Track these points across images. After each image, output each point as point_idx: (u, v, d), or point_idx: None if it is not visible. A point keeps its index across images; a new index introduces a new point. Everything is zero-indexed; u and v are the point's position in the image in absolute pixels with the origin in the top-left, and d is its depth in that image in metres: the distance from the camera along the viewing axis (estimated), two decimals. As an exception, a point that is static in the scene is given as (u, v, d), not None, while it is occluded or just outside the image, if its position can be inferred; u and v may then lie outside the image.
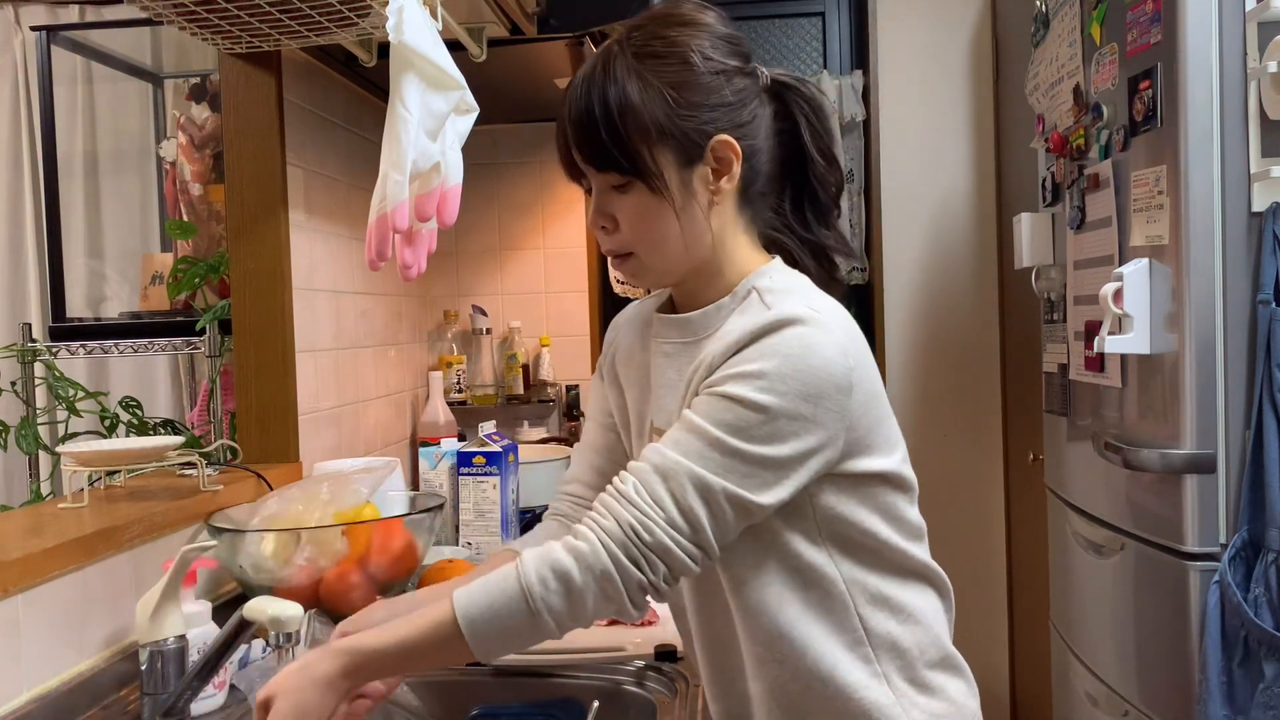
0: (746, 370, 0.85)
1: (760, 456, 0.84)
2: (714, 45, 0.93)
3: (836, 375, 0.85)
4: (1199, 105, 1.51)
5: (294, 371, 1.76)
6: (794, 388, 0.84)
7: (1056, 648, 2.10)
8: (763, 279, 0.94)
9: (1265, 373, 1.46)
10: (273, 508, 1.42)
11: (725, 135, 0.92)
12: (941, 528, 2.86)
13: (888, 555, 0.92)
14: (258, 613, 0.97)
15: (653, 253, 0.95)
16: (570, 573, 0.84)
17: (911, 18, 2.83)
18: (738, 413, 0.84)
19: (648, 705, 1.23)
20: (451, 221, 1.41)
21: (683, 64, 0.91)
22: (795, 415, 0.84)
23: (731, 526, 0.86)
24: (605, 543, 0.84)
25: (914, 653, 0.92)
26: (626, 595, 0.84)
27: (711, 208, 0.94)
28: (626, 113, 0.90)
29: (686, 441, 0.86)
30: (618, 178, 0.93)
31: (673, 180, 0.92)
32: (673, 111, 0.90)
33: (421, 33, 1.31)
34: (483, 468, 1.88)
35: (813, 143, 0.97)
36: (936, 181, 2.84)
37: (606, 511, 0.86)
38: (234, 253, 1.75)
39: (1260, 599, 1.43)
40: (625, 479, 0.87)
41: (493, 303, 2.70)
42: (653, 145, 0.91)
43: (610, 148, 0.91)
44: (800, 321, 0.85)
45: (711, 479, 0.84)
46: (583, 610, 0.85)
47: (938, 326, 2.85)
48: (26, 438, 1.86)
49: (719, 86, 0.92)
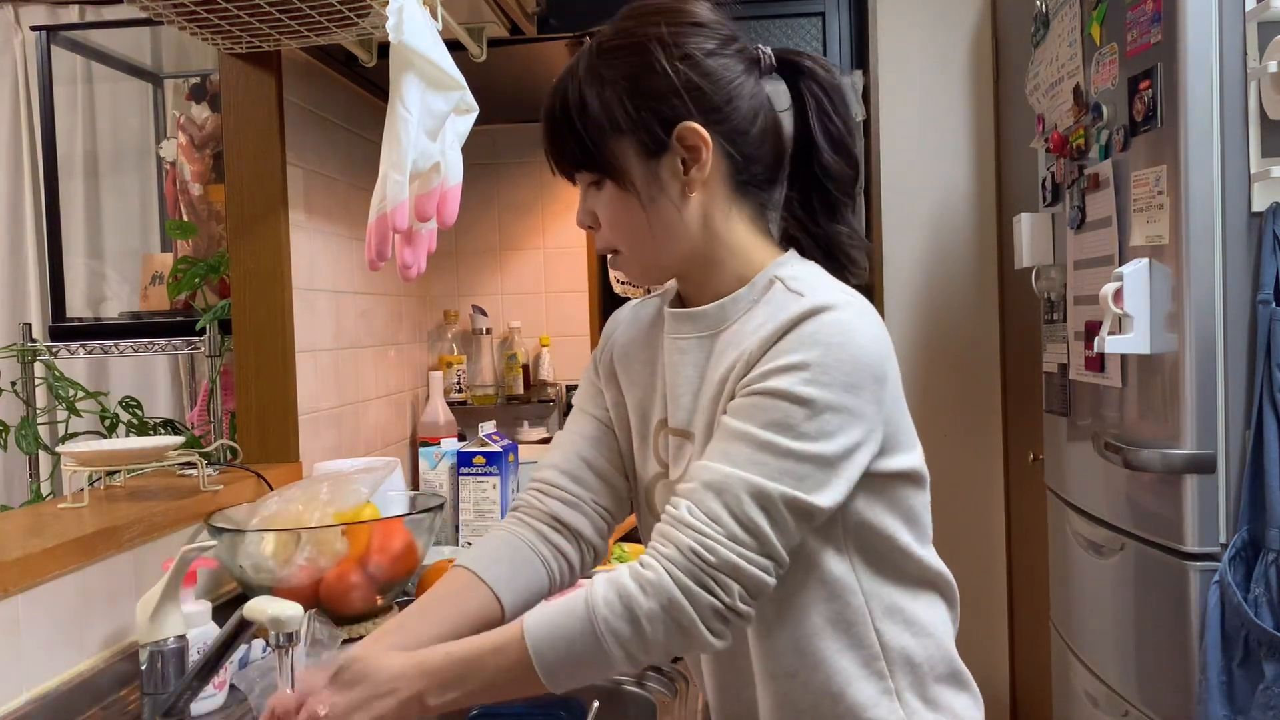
0: (788, 363, 0.81)
1: (813, 455, 0.80)
2: (681, 31, 0.89)
3: (874, 364, 0.82)
4: (1199, 105, 1.51)
5: (294, 371, 1.76)
6: (838, 378, 0.80)
7: (1056, 648, 2.10)
8: (784, 269, 0.91)
9: (1265, 373, 1.46)
10: (273, 508, 1.42)
11: (691, 123, 0.88)
12: (941, 528, 2.84)
13: (904, 564, 0.90)
14: (258, 613, 0.97)
15: (632, 248, 0.93)
16: (635, 598, 0.79)
17: (911, 18, 2.83)
18: (784, 409, 0.81)
19: (648, 705, 1.23)
20: (451, 221, 1.41)
21: (639, 54, 0.88)
22: (840, 408, 0.80)
23: (794, 533, 0.81)
24: (670, 570, 0.79)
25: (925, 667, 0.90)
26: (701, 623, 0.79)
27: (686, 197, 0.90)
28: (583, 110, 0.89)
29: (735, 450, 0.82)
30: (590, 175, 0.92)
31: (637, 173, 0.90)
32: (627, 105, 0.88)
33: (421, 33, 1.31)
34: (483, 468, 1.88)
35: (820, 128, 0.93)
36: (936, 181, 2.84)
37: (666, 540, 0.81)
38: (234, 253, 1.75)
39: (1260, 599, 1.42)
40: (678, 503, 0.82)
41: (493, 303, 2.70)
42: (610, 139, 0.89)
43: (573, 146, 0.91)
44: (836, 307, 0.82)
45: (768, 485, 0.80)
46: (652, 640, 0.80)
47: (938, 326, 2.85)
48: (26, 438, 1.86)
49: (683, 71, 0.88)
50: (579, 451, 1.04)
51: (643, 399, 1.00)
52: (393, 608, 1.53)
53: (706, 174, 0.90)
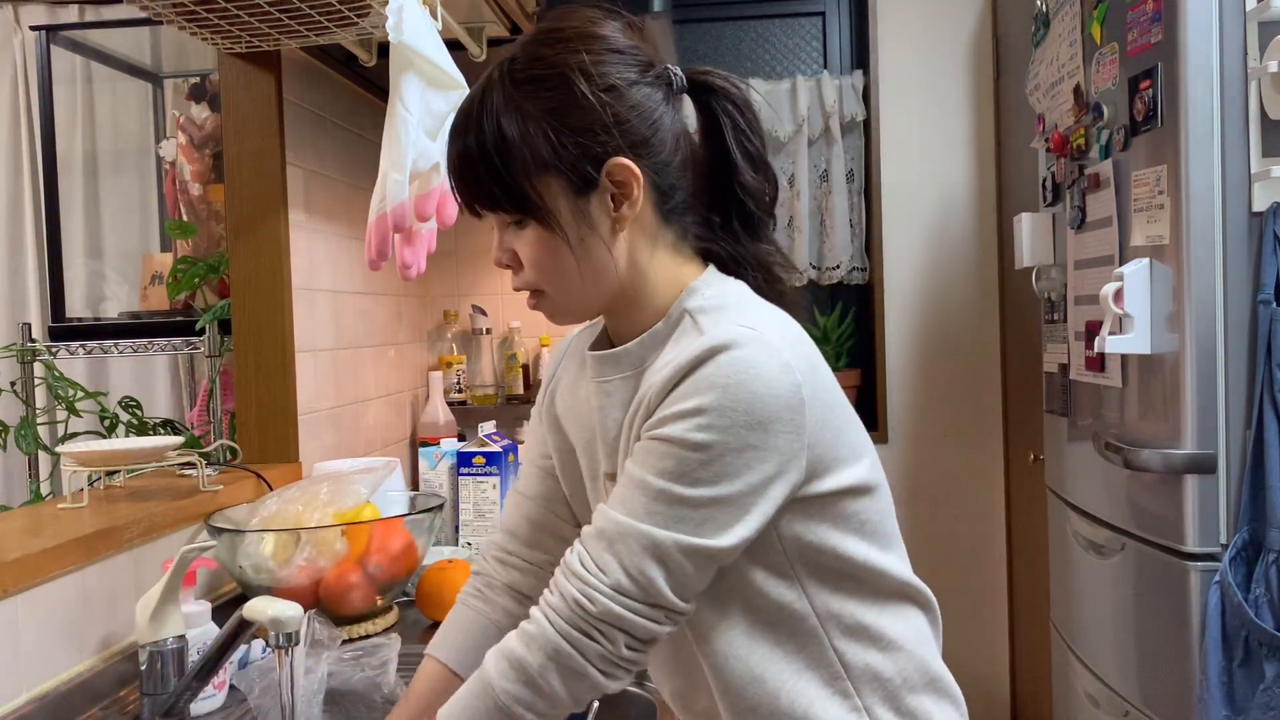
0: (682, 409, 0.78)
1: (710, 498, 0.78)
2: (602, 59, 0.84)
3: (784, 395, 0.78)
4: (1199, 105, 1.51)
5: (293, 371, 1.76)
6: (738, 420, 0.77)
7: (1056, 648, 2.10)
8: (694, 298, 0.87)
9: (1266, 373, 1.45)
10: (272, 508, 1.42)
11: (620, 159, 0.84)
12: (942, 528, 2.87)
13: (864, 578, 0.87)
14: (258, 613, 0.97)
15: (559, 289, 0.89)
16: (524, 659, 0.80)
17: (911, 18, 2.83)
18: (678, 456, 0.78)
19: (648, 705, 1.22)
20: (451, 221, 1.41)
21: (563, 86, 0.83)
22: (743, 447, 0.78)
23: (694, 577, 0.80)
24: (553, 620, 0.80)
25: (896, 681, 0.87)
26: (592, 669, 0.79)
27: (616, 235, 0.87)
28: (504, 149, 0.83)
29: (630, 498, 0.80)
30: (509, 215, 0.87)
31: (564, 212, 0.85)
32: (554, 141, 0.83)
33: (421, 33, 1.31)
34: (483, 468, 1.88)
35: (737, 147, 0.90)
36: (936, 181, 2.84)
37: (554, 588, 0.82)
38: (234, 253, 1.75)
39: (1261, 599, 1.42)
40: (572, 550, 0.82)
41: (493, 303, 2.69)
42: (535, 179, 0.84)
43: (492, 187, 0.85)
44: (734, 345, 0.78)
45: (660, 535, 0.78)
46: (552, 694, 0.80)
47: (938, 326, 2.85)
48: (26, 438, 1.86)
49: (609, 104, 0.83)
50: (528, 515, 1.04)
51: (587, 445, 0.96)
52: (392, 608, 1.53)
53: (638, 210, 0.86)
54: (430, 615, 1.52)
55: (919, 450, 2.86)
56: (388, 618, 1.50)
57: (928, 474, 2.86)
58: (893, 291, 2.86)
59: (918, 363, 2.87)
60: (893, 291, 2.86)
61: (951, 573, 2.82)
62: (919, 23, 2.82)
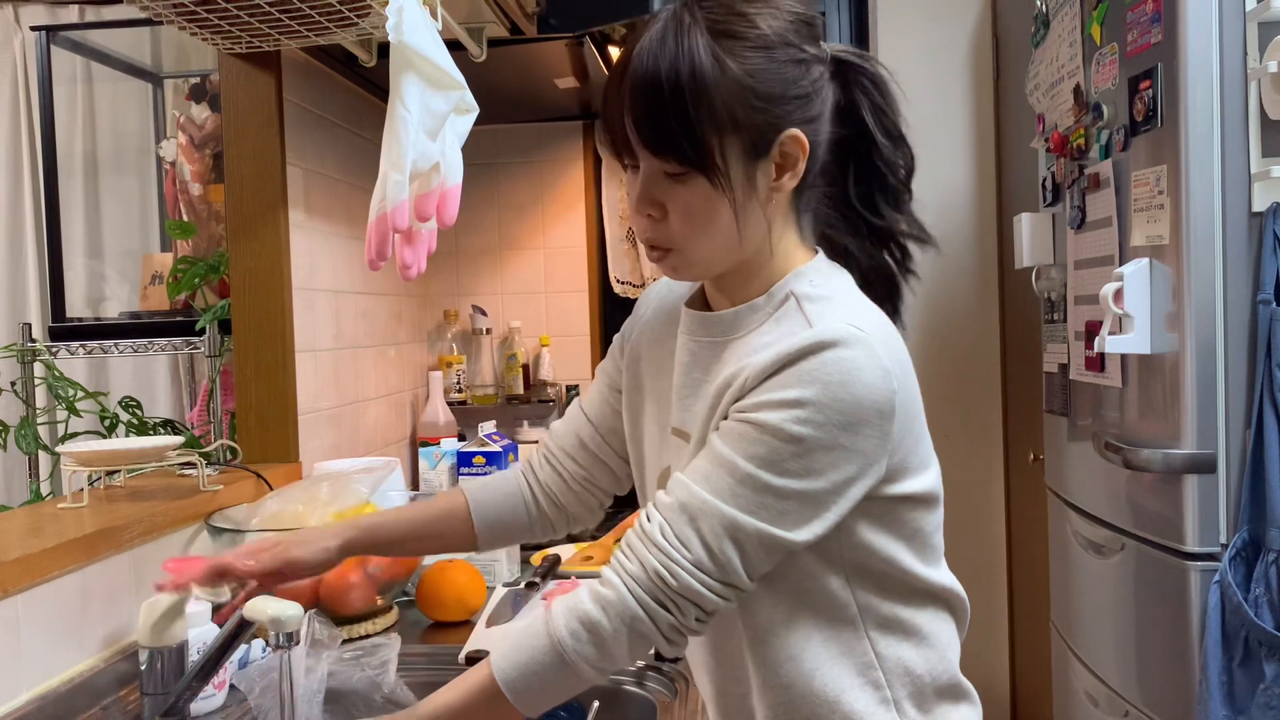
0: (783, 398, 0.79)
1: (795, 491, 0.79)
2: (793, 28, 0.85)
3: (880, 402, 0.80)
4: (1199, 105, 1.51)
5: (294, 371, 1.76)
6: (833, 418, 0.78)
7: (1056, 648, 2.10)
8: (802, 282, 0.88)
9: (1265, 372, 1.45)
10: (273, 508, 1.42)
11: (796, 130, 0.84)
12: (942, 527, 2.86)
13: (905, 581, 0.89)
14: (258, 613, 0.97)
15: (702, 248, 0.87)
16: (599, 623, 0.82)
17: (911, 17, 2.82)
18: (771, 445, 0.79)
19: (648, 705, 1.22)
20: (451, 221, 1.41)
21: (763, 49, 0.83)
22: (833, 446, 0.79)
23: (765, 563, 0.82)
24: (632, 588, 0.81)
25: (926, 678, 0.89)
26: (661, 635, 0.82)
27: (770, 203, 0.87)
28: (701, 97, 0.80)
29: (716, 477, 0.81)
30: (676, 165, 0.83)
31: (737, 175, 0.83)
32: (749, 102, 0.82)
33: (421, 33, 1.31)
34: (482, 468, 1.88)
35: (876, 123, 0.91)
36: (936, 181, 2.83)
37: (632, 554, 0.83)
38: (234, 253, 1.75)
39: (1261, 599, 1.42)
40: (652, 517, 0.83)
41: (493, 303, 2.69)
42: (724, 136, 0.82)
43: (677, 132, 0.81)
44: (843, 344, 0.79)
45: (743, 519, 0.80)
46: (619, 655, 0.83)
47: (938, 326, 2.85)
48: (26, 438, 1.86)
49: (797, 77, 0.84)
50: (579, 432, 1.09)
51: (661, 396, 0.97)
52: (392, 608, 1.53)
53: (798, 182, 0.87)
54: (430, 615, 1.52)
55: (919, 450, 2.86)
56: (388, 618, 1.50)
57: (928, 474, 2.85)
58: (893, 291, 2.86)
59: (917, 362, 2.84)
60: (893, 291, 2.86)
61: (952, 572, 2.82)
62: (919, 23, 2.82)
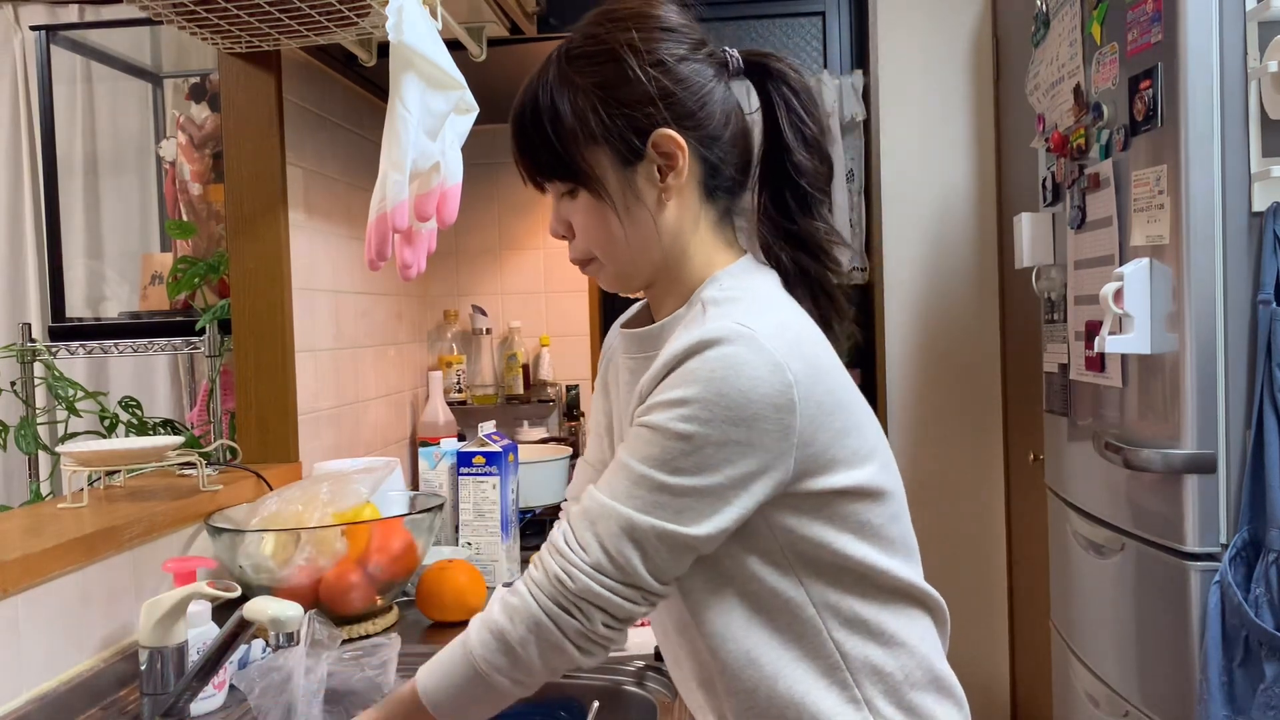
0: (668, 398, 0.82)
1: (689, 488, 0.81)
2: (651, 36, 0.89)
3: (771, 394, 0.80)
4: (1199, 105, 1.51)
5: (293, 371, 1.76)
6: (719, 414, 0.79)
7: (1056, 648, 2.10)
8: (713, 287, 0.90)
9: (1266, 372, 1.45)
10: (272, 508, 1.42)
11: (667, 130, 0.88)
12: (942, 528, 2.87)
13: (867, 576, 0.87)
14: (258, 613, 0.97)
15: (607, 256, 0.94)
16: (506, 630, 0.84)
17: (911, 18, 2.82)
18: (662, 445, 0.81)
19: (648, 705, 1.22)
20: (451, 221, 1.41)
21: (611, 60, 0.88)
22: (725, 441, 0.80)
23: (670, 562, 0.83)
24: (534, 593, 0.84)
25: (898, 676, 0.88)
26: (570, 642, 0.83)
27: (662, 206, 0.91)
28: (555, 119, 0.89)
29: (615, 481, 0.84)
30: (563, 184, 0.92)
31: (612, 182, 0.90)
32: (603, 113, 0.88)
33: (421, 32, 1.31)
34: (483, 468, 1.88)
35: (790, 128, 0.92)
36: (936, 181, 2.84)
37: (538, 564, 0.86)
38: (234, 252, 1.75)
39: (1261, 599, 1.42)
40: (559, 527, 0.87)
41: (493, 303, 2.69)
42: (590, 147, 0.89)
43: (544, 155, 0.91)
44: (724, 341, 0.81)
45: (639, 519, 0.81)
46: (533, 666, 0.84)
47: (938, 326, 2.85)
48: (26, 438, 1.86)
49: (656, 78, 0.88)
50: (590, 481, 1.07)
51: (619, 419, 1.01)
52: (392, 608, 1.53)
53: (683, 181, 0.90)
54: (430, 615, 1.52)
55: (919, 450, 2.86)
56: (388, 618, 1.50)
57: (927, 474, 2.86)
58: (893, 291, 2.86)
59: (918, 362, 2.87)
60: (893, 291, 2.86)
61: (951, 573, 2.82)
62: (919, 23, 2.82)
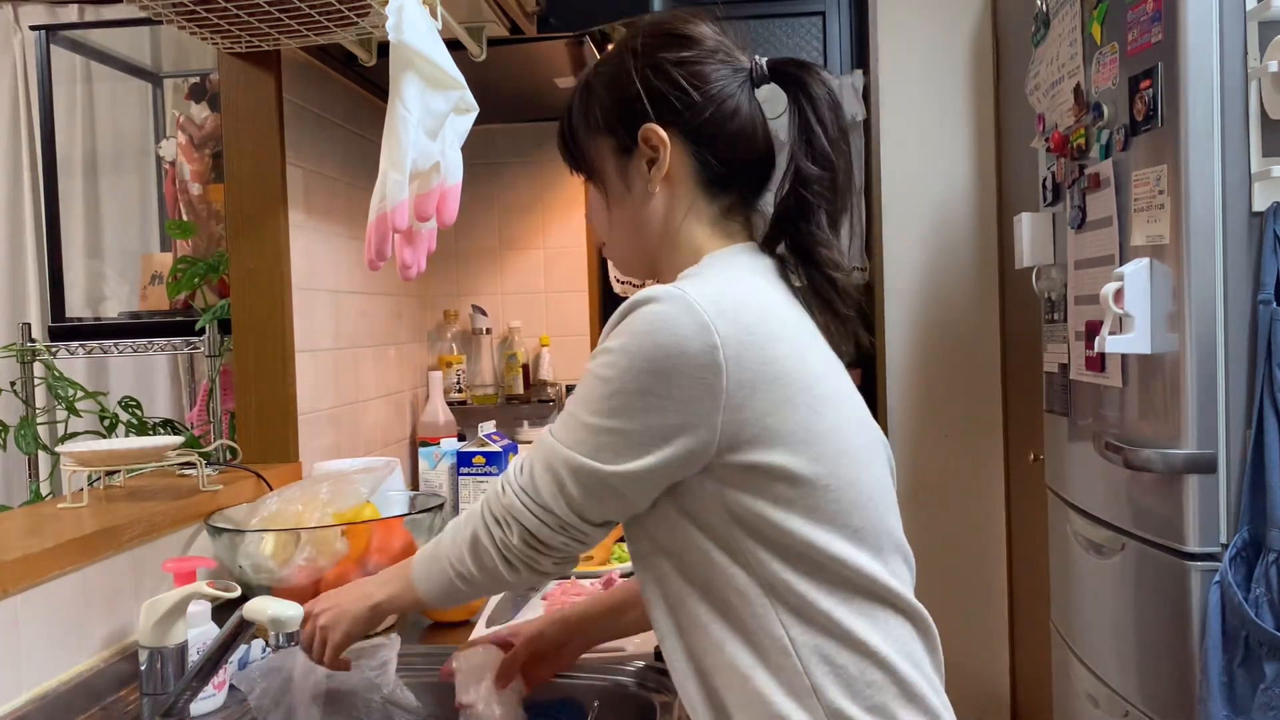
0: (601, 348, 0.89)
1: (606, 428, 0.86)
2: (655, 43, 0.96)
3: (691, 351, 0.83)
4: (1200, 105, 1.51)
5: (293, 371, 1.76)
6: (637, 363, 0.84)
7: (1056, 648, 2.10)
8: (693, 268, 0.94)
9: (1266, 372, 1.45)
10: (272, 508, 1.42)
11: (653, 125, 0.95)
12: (942, 527, 2.87)
13: (824, 564, 0.86)
14: (258, 613, 0.97)
15: (612, 240, 1.03)
16: (460, 521, 0.97)
17: (911, 18, 2.82)
18: (588, 387, 0.88)
19: (648, 705, 1.22)
20: (451, 221, 1.41)
21: (617, 62, 0.98)
22: (643, 390, 0.84)
23: (583, 497, 0.88)
24: (483, 503, 0.95)
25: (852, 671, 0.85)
26: (497, 551, 0.92)
27: (649, 196, 0.97)
28: (572, 115, 1.01)
29: (555, 421, 0.93)
30: (579, 174, 1.04)
31: (609, 172, 1.00)
32: (604, 107, 0.98)
33: (421, 32, 1.31)
34: (482, 468, 1.88)
35: (800, 134, 0.96)
36: (936, 181, 2.84)
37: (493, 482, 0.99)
38: (233, 252, 1.75)
39: (1261, 599, 1.42)
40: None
41: (493, 302, 2.69)
42: (595, 139, 0.99)
43: (564, 147, 1.03)
44: (655, 300, 0.86)
45: (561, 449, 0.89)
46: (464, 561, 0.94)
47: (938, 326, 2.85)
48: (26, 438, 1.86)
49: (649, 78, 0.95)
50: None
51: None
52: (393, 608, 1.53)
53: (664, 172, 0.96)
54: (430, 615, 1.52)
55: (919, 450, 2.86)
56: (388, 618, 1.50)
57: (928, 474, 2.86)
58: (893, 291, 2.86)
59: (918, 362, 2.87)
60: (893, 291, 2.86)
61: (951, 573, 2.82)
62: (919, 23, 2.82)
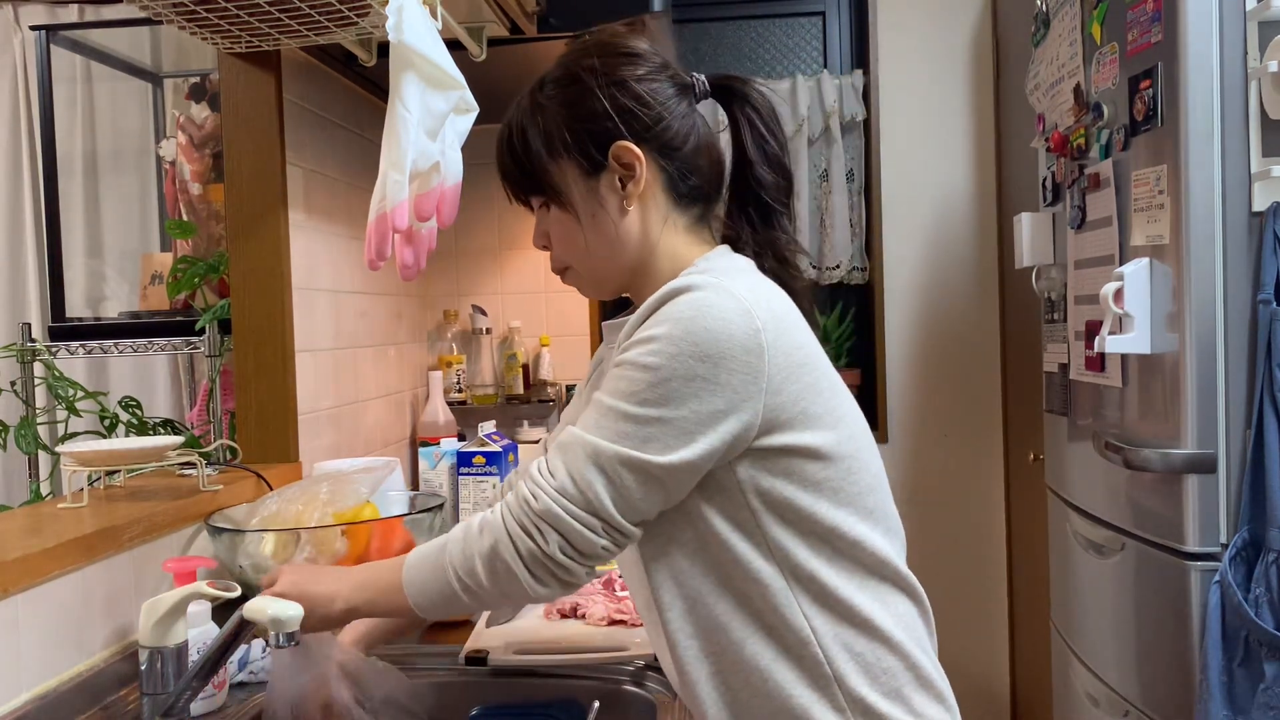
0: (640, 337, 0.86)
1: (654, 418, 0.84)
2: (612, 59, 0.96)
3: (738, 335, 0.84)
4: (1199, 105, 1.51)
5: (293, 371, 1.76)
6: (685, 349, 0.83)
7: (1056, 648, 2.10)
8: (689, 269, 0.94)
9: (1266, 372, 1.45)
10: (272, 508, 1.42)
11: (625, 142, 0.95)
12: (942, 528, 2.87)
13: (840, 546, 0.88)
14: (258, 613, 0.97)
15: (581, 264, 1.01)
16: (472, 534, 0.89)
17: (911, 18, 2.82)
18: (630, 378, 0.85)
19: (648, 705, 1.22)
20: (451, 221, 1.41)
21: (575, 83, 0.96)
22: (691, 376, 0.83)
23: (636, 493, 0.85)
24: (504, 513, 0.88)
25: (869, 657, 0.88)
26: (522, 566, 0.86)
27: (624, 212, 0.97)
28: (524, 140, 0.98)
29: (588, 416, 0.88)
30: (537, 198, 1.00)
31: (577, 192, 0.97)
32: (566, 128, 0.96)
33: (421, 32, 1.31)
34: (482, 468, 1.88)
35: (753, 145, 0.99)
36: (936, 181, 2.84)
37: (511, 488, 0.91)
38: (234, 252, 1.75)
39: (1261, 599, 1.42)
40: (535, 461, 0.91)
41: (493, 302, 2.69)
42: (557, 162, 0.97)
43: (518, 174, 1.00)
44: (695, 288, 0.86)
45: (604, 445, 0.85)
46: (480, 573, 0.88)
47: (938, 326, 2.85)
48: (26, 438, 1.86)
49: (615, 95, 0.95)
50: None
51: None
52: (393, 608, 1.53)
53: (642, 188, 0.96)
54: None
55: (919, 450, 2.86)
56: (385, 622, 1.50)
57: (928, 474, 2.86)
58: (893, 291, 2.86)
59: (918, 362, 2.87)
60: (893, 291, 2.86)
61: (951, 573, 2.82)
62: (919, 23, 2.82)
